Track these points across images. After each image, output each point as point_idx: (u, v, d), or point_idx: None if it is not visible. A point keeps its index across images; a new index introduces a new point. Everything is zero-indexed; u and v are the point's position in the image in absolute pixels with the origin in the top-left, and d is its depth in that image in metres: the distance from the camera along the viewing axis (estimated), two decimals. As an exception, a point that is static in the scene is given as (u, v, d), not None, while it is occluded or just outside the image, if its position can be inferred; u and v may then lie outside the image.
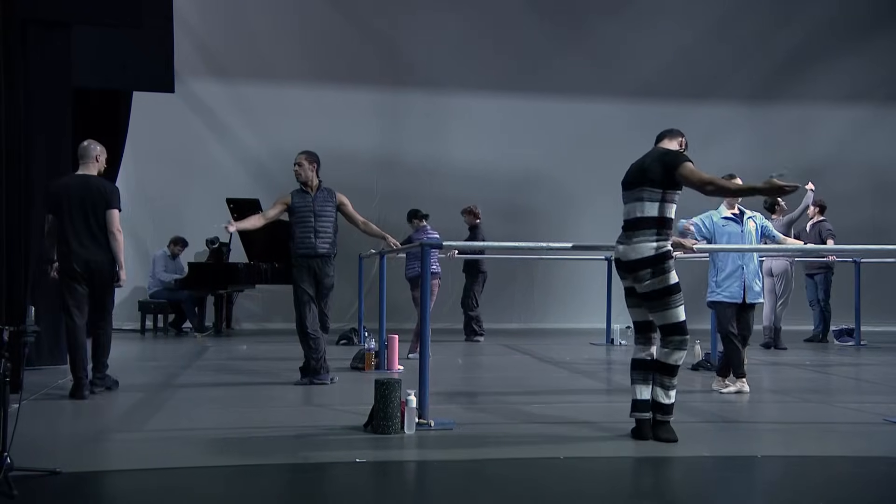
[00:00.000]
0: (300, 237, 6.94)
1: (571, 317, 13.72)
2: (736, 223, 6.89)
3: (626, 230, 4.90)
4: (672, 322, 4.81)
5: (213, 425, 5.35)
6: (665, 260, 4.79)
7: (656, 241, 4.78)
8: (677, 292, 4.81)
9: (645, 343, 4.98)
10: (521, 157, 13.86)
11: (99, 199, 6.30)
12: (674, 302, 4.80)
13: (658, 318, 4.84)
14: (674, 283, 4.80)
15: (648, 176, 4.81)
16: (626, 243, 4.86)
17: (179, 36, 10.51)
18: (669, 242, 4.85)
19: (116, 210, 6.36)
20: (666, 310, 4.80)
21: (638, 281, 4.82)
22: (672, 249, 4.86)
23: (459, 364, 8.98)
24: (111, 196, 6.38)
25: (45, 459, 4.07)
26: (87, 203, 6.27)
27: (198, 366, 8.39)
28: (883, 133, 14.77)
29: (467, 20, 13.82)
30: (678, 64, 14.17)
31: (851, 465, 4.56)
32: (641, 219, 4.81)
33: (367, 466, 4.36)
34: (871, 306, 11.98)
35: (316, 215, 6.95)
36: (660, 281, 4.76)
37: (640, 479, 4.45)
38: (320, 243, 6.92)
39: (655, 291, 4.78)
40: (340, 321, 12.02)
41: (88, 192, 6.30)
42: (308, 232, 6.93)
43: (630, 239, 4.84)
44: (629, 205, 4.91)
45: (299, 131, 13.27)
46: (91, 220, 6.27)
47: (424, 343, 5.44)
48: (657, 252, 4.77)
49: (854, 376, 8.66)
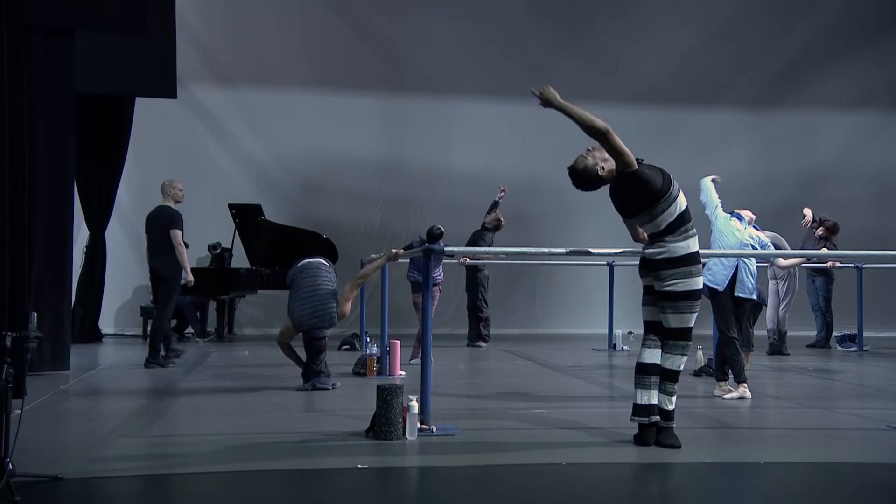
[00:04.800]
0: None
1: (573, 322, 13.71)
2: (740, 220, 6.96)
3: (654, 239, 4.86)
4: (682, 327, 4.81)
5: (215, 431, 5.34)
6: (693, 262, 4.78)
7: (684, 240, 4.77)
8: (697, 298, 4.81)
9: (652, 345, 4.94)
10: (525, 163, 13.85)
11: (161, 221, 8.51)
12: (689, 307, 4.79)
13: (669, 320, 4.82)
14: (696, 290, 4.80)
15: (641, 201, 4.79)
16: (655, 246, 4.82)
17: (182, 41, 10.54)
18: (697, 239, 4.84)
19: (175, 230, 8.41)
20: (680, 313, 4.79)
21: (659, 280, 4.80)
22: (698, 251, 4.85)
23: (461, 370, 8.97)
24: (170, 220, 8.47)
25: (48, 465, 4.08)
26: (159, 226, 8.53)
27: (199, 371, 8.39)
28: (887, 139, 14.74)
29: (471, 25, 13.83)
30: (682, 70, 14.17)
31: (855, 471, 4.54)
32: (664, 228, 4.78)
33: (369, 472, 4.35)
34: (874, 312, 11.95)
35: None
36: (683, 283, 4.76)
37: (643, 485, 4.43)
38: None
39: (676, 293, 4.76)
40: (342, 326, 12.01)
41: (160, 217, 8.56)
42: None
43: (659, 244, 4.80)
44: (646, 226, 4.89)
45: (302, 137, 13.33)
46: (157, 237, 8.49)
47: (426, 348, 5.43)
48: (686, 252, 4.76)
49: (857, 382, 8.65)
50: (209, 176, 13.03)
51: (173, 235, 8.45)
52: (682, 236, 4.78)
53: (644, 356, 4.95)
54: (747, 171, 14.03)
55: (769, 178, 14.18)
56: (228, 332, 12.27)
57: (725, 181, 7.44)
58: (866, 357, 10.66)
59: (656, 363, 4.90)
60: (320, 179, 13.42)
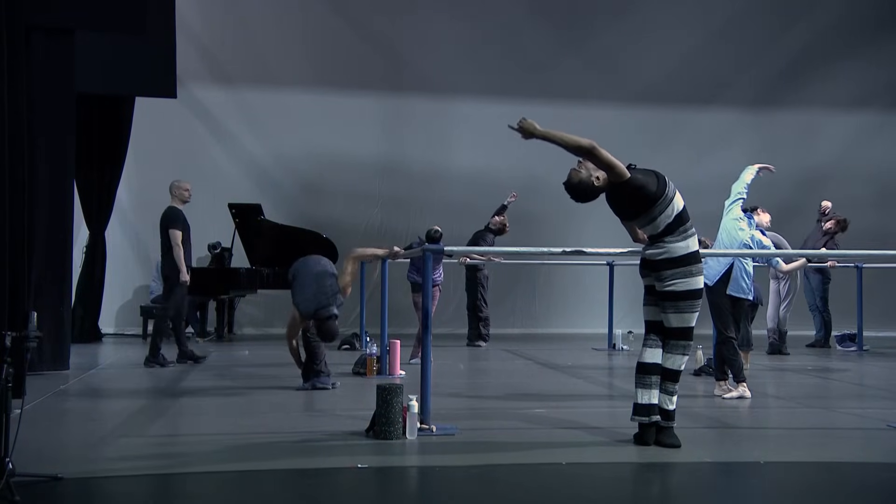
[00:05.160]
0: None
1: (573, 322, 13.70)
2: (749, 220, 7.03)
3: (654, 240, 4.86)
4: (683, 326, 4.82)
5: (215, 431, 5.34)
6: (693, 262, 4.78)
7: (683, 240, 4.77)
8: (698, 298, 4.82)
9: (653, 345, 4.94)
10: (525, 163, 13.82)
11: (163, 222, 8.62)
12: (690, 307, 4.80)
13: (670, 319, 4.82)
14: (697, 289, 4.80)
15: (638, 207, 4.79)
16: (654, 247, 4.83)
17: (181, 41, 10.53)
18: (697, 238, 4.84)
19: (173, 230, 8.48)
20: (681, 313, 4.80)
21: (660, 280, 4.80)
22: (699, 250, 4.85)
23: (461, 369, 8.97)
24: (169, 220, 8.59)
25: (48, 465, 4.08)
26: (161, 226, 8.66)
27: (199, 371, 8.39)
28: (887, 139, 14.72)
29: (471, 25, 13.82)
30: (682, 69, 14.15)
31: (854, 471, 4.55)
32: (664, 229, 4.78)
33: (369, 472, 4.35)
34: (874, 312, 11.95)
35: None
36: (684, 283, 4.76)
37: (643, 485, 4.44)
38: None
39: (677, 293, 4.77)
40: (342, 326, 12.00)
41: (163, 218, 8.67)
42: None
43: (659, 244, 4.80)
44: (645, 228, 4.90)
45: (302, 136, 13.31)
46: (162, 238, 8.62)
47: (426, 348, 5.43)
48: (686, 252, 4.76)
49: (857, 381, 8.65)
50: (209, 176, 13.00)
51: (172, 236, 8.54)
52: (681, 236, 4.78)
53: (645, 356, 4.95)
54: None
55: (768, 178, 14.07)
56: (228, 332, 12.27)
57: (724, 181, 7.45)
58: (866, 357, 10.66)
59: (657, 363, 4.90)
60: (320, 179, 13.41)
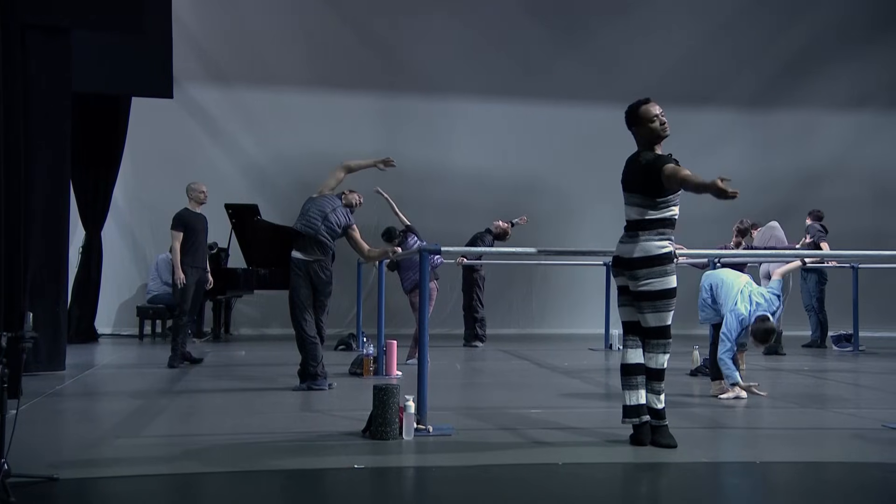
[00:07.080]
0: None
1: (570, 322, 13.72)
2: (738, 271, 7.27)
3: (629, 230, 4.88)
4: (660, 325, 4.82)
5: (211, 431, 5.34)
6: (666, 262, 4.78)
7: (658, 240, 4.77)
8: (673, 297, 4.81)
9: (634, 346, 4.94)
10: (523, 163, 13.86)
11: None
12: (666, 306, 4.80)
13: (647, 319, 4.83)
14: (671, 287, 4.80)
15: (642, 185, 4.80)
16: (628, 242, 4.85)
17: (178, 41, 10.51)
18: (672, 244, 4.84)
19: (173, 231, 8.64)
20: (657, 312, 4.80)
21: (634, 279, 4.81)
22: (674, 251, 4.86)
23: (458, 370, 8.98)
24: (172, 221, 8.74)
25: (43, 466, 4.08)
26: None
27: (196, 371, 8.38)
28: (885, 139, 14.76)
29: (469, 25, 13.82)
30: (680, 69, 14.16)
31: (850, 471, 4.56)
32: (643, 220, 4.79)
33: (366, 472, 4.35)
34: (870, 312, 11.98)
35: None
36: (659, 282, 4.76)
37: (639, 485, 4.44)
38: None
39: (652, 292, 4.77)
40: (339, 327, 12.02)
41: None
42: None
43: (633, 238, 4.82)
44: (630, 207, 4.89)
45: (299, 136, 13.30)
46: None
47: (423, 348, 5.43)
48: (660, 252, 4.76)
49: (852, 382, 8.66)
50: (205, 176, 12.88)
51: (171, 236, 8.67)
52: (658, 237, 4.78)
53: (627, 357, 4.95)
54: (745, 170, 13.99)
55: (767, 178, 14.18)
56: (225, 332, 12.27)
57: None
58: (862, 357, 10.67)
59: (640, 363, 4.91)
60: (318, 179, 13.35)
